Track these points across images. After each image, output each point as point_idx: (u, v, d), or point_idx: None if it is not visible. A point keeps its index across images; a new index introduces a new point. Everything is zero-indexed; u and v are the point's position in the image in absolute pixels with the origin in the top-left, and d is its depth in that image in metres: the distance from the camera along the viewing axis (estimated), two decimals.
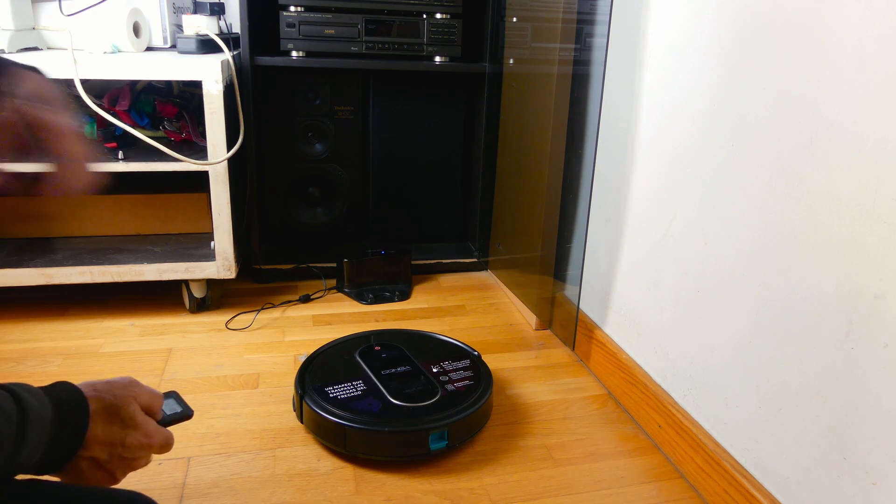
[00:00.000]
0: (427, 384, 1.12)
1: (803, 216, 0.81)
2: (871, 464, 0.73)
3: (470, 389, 1.11)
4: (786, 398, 0.85)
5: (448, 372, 1.16)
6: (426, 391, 1.10)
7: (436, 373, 1.15)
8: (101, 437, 0.60)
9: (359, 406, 1.05)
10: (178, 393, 0.75)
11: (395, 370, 1.15)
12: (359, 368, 1.16)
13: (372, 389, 1.09)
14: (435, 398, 1.08)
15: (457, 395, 1.09)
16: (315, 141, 1.72)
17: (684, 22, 1.03)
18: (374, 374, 1.14)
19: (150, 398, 0.67)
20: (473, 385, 1.13)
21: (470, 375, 1.15)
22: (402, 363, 1.18)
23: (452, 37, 1.63)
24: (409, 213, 1.85)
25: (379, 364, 1.17)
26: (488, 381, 1.15)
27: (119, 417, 0.62)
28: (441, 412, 1.05)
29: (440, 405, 1.06)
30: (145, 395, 0.66)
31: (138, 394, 0.65)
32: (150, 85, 1.59)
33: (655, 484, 1.03)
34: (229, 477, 1.00)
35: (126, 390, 0.65)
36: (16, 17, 1.36)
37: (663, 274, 1.11)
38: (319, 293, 1.65)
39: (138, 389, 0.66)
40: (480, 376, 1.16)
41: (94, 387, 0.62)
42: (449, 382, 1.13)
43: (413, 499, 0.98)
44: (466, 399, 1.09)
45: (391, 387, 1.10)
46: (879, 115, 0.70)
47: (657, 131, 1.11)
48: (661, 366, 1.13)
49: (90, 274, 1.39)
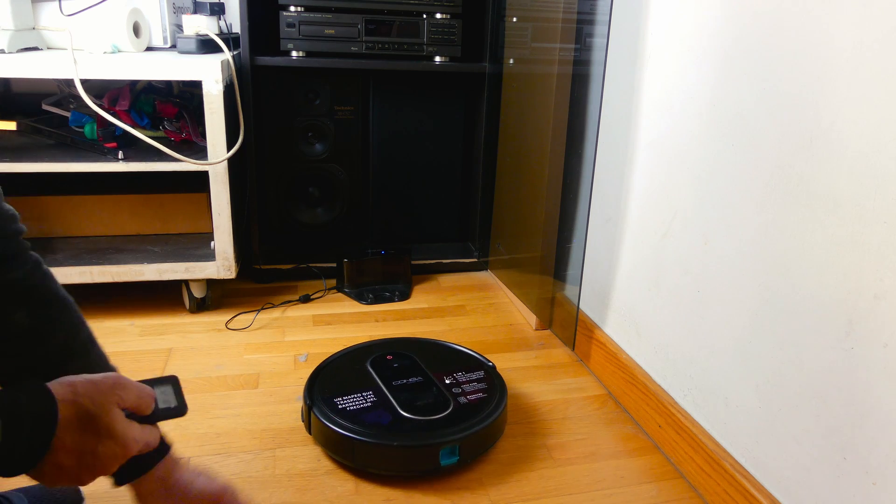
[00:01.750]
0: (439, 396, 1.08)
1: (803, 216, 0.81)
2: (871, 464, 0.73)
3: (483, 402, 1.07)
4: (786, 398, 0.85)
5: (461, 384, 1.12)
6: (438, 403, 1.06)
7: (448, 384, 1.12)
8: (69, 446, 0.57)
9: (368, 418, 1.02)
10: (178, 380, 0.69)
11: (406, 381, 1.11)
12: (369, 379, 1.12)
13: (382, 401, 1.06)
14: (447, 411, 1.04)
15: (470, 409, 1.06)
16: (315, 141, 1.72)
17: (684, 22, 1.03)
18: (385, 384, 1.10)
19: (137, 398, 0.63)
20: (487, 398, 1.09)
21: (484, 388, 1.11)
22: (415, 374, 1.14)
23: (452, 37, 1.63)
24: (409, 213, 1.85)
25: (390, 374, 1.13)
26: (502, 393, 1.11)
27: (94, 426, 0.58)
28: (453, 426, 1.01)
29: (452, 419, 1.03)
30: (131, 395, 0.62)
31: (123, 396, 0.61)
32: (150, 85, 1.59)
33: (655, 484, 1.03)
34: (229, 477, 1.00)
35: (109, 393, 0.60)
36: (16, 17, 1.36)
37: (663, 274, 1.11)
38: (319, 293, 1.65)
39: (123, 392, 0.62)
40: (494, 388, 1.12)
41: (75, 388, 0.59)
42: (462, 395, 1.09)
43: (413, 499, 0.98)
44: (480, 412, 1.05)
45: (402, 399, 1.06)
46: (879, 116, 0.70)
47: (657, 131, 1.11)
48: (661, 366, 1.13)
49: (90, 274, 1.39)
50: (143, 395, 0.64)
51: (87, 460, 0.58)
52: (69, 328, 0.73)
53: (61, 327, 0.72)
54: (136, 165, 1.36)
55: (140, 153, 1.41)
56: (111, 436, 0.59)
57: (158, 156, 1.36)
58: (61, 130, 1.47)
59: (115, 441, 0.60)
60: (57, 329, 0.72)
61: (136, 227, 1.58)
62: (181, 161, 1.34)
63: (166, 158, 1.35)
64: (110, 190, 1.55)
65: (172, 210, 1.58)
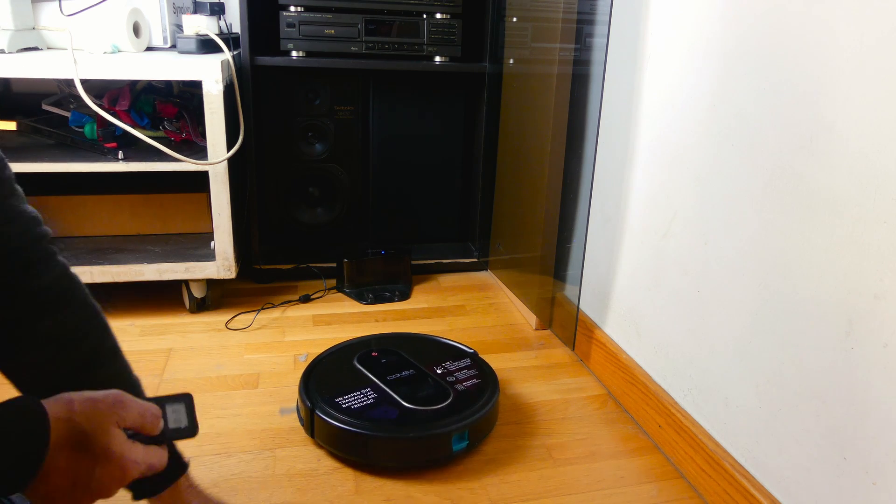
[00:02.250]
0: (437, 386, 1.11)
1: (803, 216, 0.81)
2: (871, 464, 0.73)
3: (480, 388, 1.12)
4: (786, 398, 0.85)
5: (452, 372, 1.16)
6: (438, 394, 1.09)
7: (441, 374, 1.15)
8: (63, 468, 0.54)
9: (375, 414, 1.04)
10: (192, 399, 0.66)
11: (400, 375, 1.14)
12: (362, 376, 1.14)
13: (383, 396, 1.08)
14: (449, 400, 1.08)
15: (469, 395, 1.09)
16: (315, 141, 1.72)
17: (684, 22, 1.03)
18: (381, 380, 1.12)
19: (139, 417, 0.59)
20: (482, 383, 1.13)
21: (475, 374, 1.16)
22: (406, 367, 1.17)
23: (452, 37, 1.63)
24: (409, 213, 1.85)
25: (382, 370, 1.16)
26: (494, 377, 1.16)
27: (89, 447, 0.55)
28: (458, 413, 1.05)
29: (455, 406, 1.06)
30: (133, 415, 0.59)
31: (124, 416, 0.58)
32: (150, 85, 1.59)
33: (655, 484, 1.03)
34: (229, 477, 1.00)
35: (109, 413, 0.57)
36: (16, 17, 1.36)
37: (663, 274, 1.11)
38: (319, 293, 1.65)
39: (124, 411, 0.58)
40: (486, 374, 1.16)
41: (72, 406, 0.56)
42: (457, 382, 1.13)
43: (413, 499, 0.98)
44: (479, 398, 1.09)
45: (402, 392, 1.09)
46: (879, 115, 0.70)
47: (657, 131, 1.11)
48: (661, 366, 1.13)
49: (90, 274, 1.39)
50: (147, 415, 0.60)
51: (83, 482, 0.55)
52: (95, 338, 0.72)
53: (87, 337, 0.71)
54: (136, 165, 1.36)
55: (140, 153, 1.41)
56: (108, 457, 0.56)
57: (158, 156, 1.36)
58: (61, 130, 1.47)
59: (113, 463, 0.56)
60: (83, 339, 0.70)
61: (136, 227, 1.58)
62: (181, 161, 1.34)
63: (166, 158, 1.35)
64: (110, 190, 1.55)
65: (172, 210, 1.58)
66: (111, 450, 0.56)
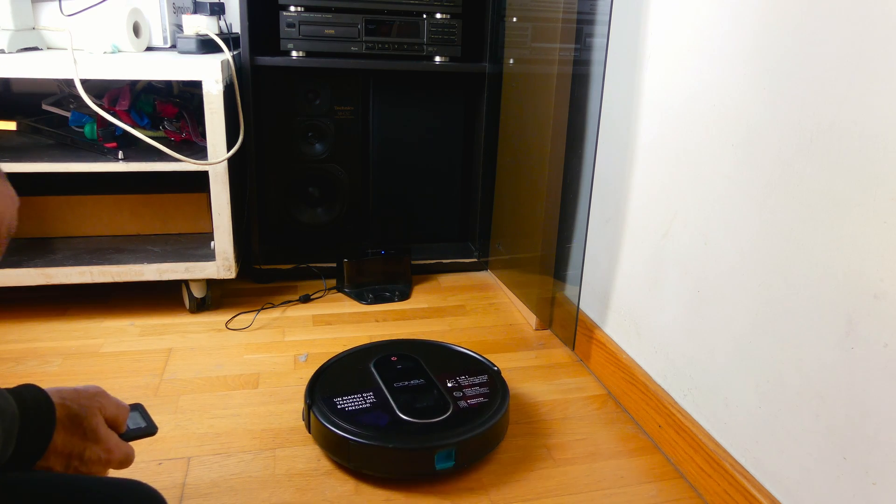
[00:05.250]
0: (439, 399, 1.07)
1: (803, 216, 0.81)
2: (871, 464, 0.73)
3: (483, 407, 1.06)
4: (786, 398, 0.85)
5: (463, 387, 1.11)
6: (437, 406, 1.05)
7: (450, 387, 1.10)
8: (59, 448, 0.58)
9: (365, 420, 1.01)
10: (143, 406, 0.73)
11: (407, 383, 1.10)
12: (371, 379, 1.12)
13: (381, 402, 1.05)
14: (445, 415, 1.03)
15: (469, 413, 1.04)
16: (315, 141, 1.72)
17: (684, 22, 1.03)
18: (386, 386, 1.09)
19: (115, 410, 0.64)
20: (488, 403, 1.07)
21: (486, 392, 1.10)
22: (417, 376, 1.13)
23: (452, 37, 1.63)
24: (409, 213, 1.85)
25: (393, 375, 1.12)
26: (504, 398, 1.09)
27: (81, 429, 0.59)
28: (450, 430, 1.00)
29: (450, 422, 1.02)
30: (111, 407, 0.64)
31: (104, 405, 0.63)
32: (150, 85, 1.59)
33: (655, 484, 1.03)
34: (229, 477, 1.00)
35: (92, 401, 0.62)
36: (16, 17, 1.36)
37: (663, 274, 1.11)
38: (319, 293, 1.65)
39: (105, 401, 0.63)
40: (496, 393, 1.10)
41: (61, 394, 0.60)
42: (462, 398, 1.08)
43: (413, 499, 0.97)
44: (479, 417, 1.03)
45: (401, 400, 1.06)
46: (879, 115, 0.70)
47: (657, 131, 1.11)
48: (661, 366, 1.13)
49: (90, 274, 1.39)
50: (121, 409, 0.65)
51: (74, 464, 0.59)
52: None
53: None
54: (136, 165, 1.36)
55: (140, 153, 1.41)
56: (96, 439, 0.60)
57: (158, 156, 1.36)
58: (61, 130, 1.47)
59: (100, 445, 0.61)
60: None
61: (136, 227, 1.58)
62: (181, 161, 1.34)
63: (166, 158, 1.35)
64: (110, 190, 1.55)
65: (172, 210, 1.58)
66: (98, 431, 0.61)
